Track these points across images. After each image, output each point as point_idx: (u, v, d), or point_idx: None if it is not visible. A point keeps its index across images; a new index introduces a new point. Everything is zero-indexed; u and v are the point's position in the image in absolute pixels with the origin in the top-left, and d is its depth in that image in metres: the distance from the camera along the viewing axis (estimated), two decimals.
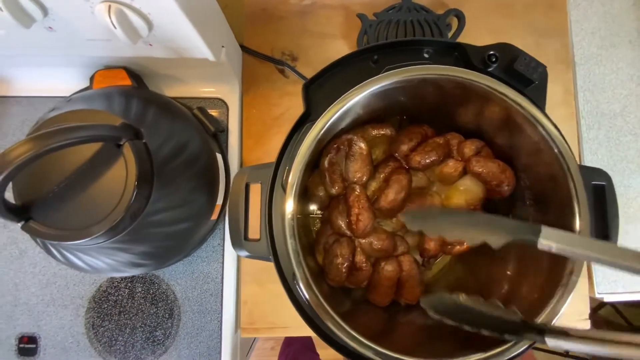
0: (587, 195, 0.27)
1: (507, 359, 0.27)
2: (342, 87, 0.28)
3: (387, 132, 0.37)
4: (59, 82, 0.49)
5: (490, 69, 0.30)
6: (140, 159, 0.31)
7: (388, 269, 0.36)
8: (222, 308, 0.48)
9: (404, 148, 0.36)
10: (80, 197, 0.31)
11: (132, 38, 0.33)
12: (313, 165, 0.37)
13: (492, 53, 0.29)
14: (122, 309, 0.48)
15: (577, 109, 0.55)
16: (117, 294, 0.48)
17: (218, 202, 0.46)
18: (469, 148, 0.35)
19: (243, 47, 0.52)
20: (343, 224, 0.36)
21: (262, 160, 0.49)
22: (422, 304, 0.29)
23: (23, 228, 0.30)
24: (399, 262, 0.36)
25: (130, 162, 0.31)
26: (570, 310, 0.27)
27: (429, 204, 0.36)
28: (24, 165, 0.26)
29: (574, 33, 0.56)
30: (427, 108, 0.36)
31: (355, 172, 0.35)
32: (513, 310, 0.27)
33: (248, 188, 0.32)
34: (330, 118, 0.28)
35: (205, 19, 0.37)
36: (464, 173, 0.36)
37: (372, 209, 0.36)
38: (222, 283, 0.49)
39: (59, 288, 0.49)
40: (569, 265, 0.27)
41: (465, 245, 0.37)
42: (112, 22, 0.31)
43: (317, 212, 0.41)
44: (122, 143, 0.31)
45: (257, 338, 0.66)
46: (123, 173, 0.31)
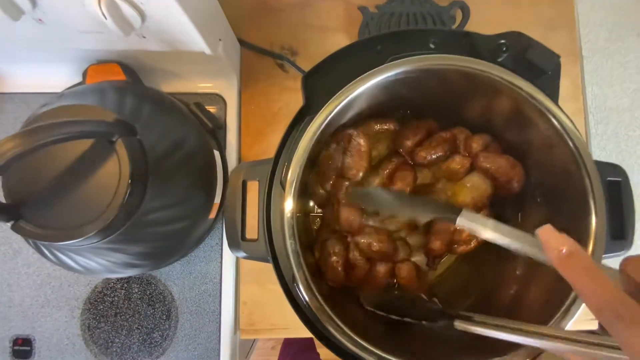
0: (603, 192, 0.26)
1: None
2: (344, 78, 0.27)
3: (390, 127, 0.35)
4: (52, 78, 0.48)
5: (500, 59, 0.28)
6: (134, 156, 0.30)
7: (380, 270, 0.35)
8: (220, 309, 0.47)
9: (409, 143, 0.35)
10: (73, 195, 0.30)
11: (124, 30, 0.32)
12: (313, 162, 0.35)
13: (502, 42, 0.28)
14: (118, 310, 0.47)
15: (584, 104, 0.53)
16: (113, 295, 0.47)
17: (216, 200, 0.44)
18: (477, 143, 0.33)
19: (241, 40, 0.51)
20: (334, 221, 0.35)
21: (260, 158, 0.48)
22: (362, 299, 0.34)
23: (13, 228, 0.29)
24: (397, 268, 0.36)
25: (124, 159, 0.29)
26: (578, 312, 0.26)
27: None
28: (12, 162, 0.25)
29: (581, 25, 0.54)
30: (432, 102, 0.35)
31: (350, 167, 0.34)
32: (433, 301, 0.31)
33: (245, 186, 0.31)
34: (332, 111, 0.27)
35: (201, 10, 0.35)
36: (471, 169, 0.35)
37: (355, 205, 0.35)
38: (220, 283, 0.48)
39: (54, 289, 0.48)
40: None
41: (472, 245, 0.36)
42: (102, 12, 0.29)
43: (317, 210, 0.40)
44: (115, 139, 0.30)
45: (257, 339, 0.65)
46: (116, 171, 0.30)
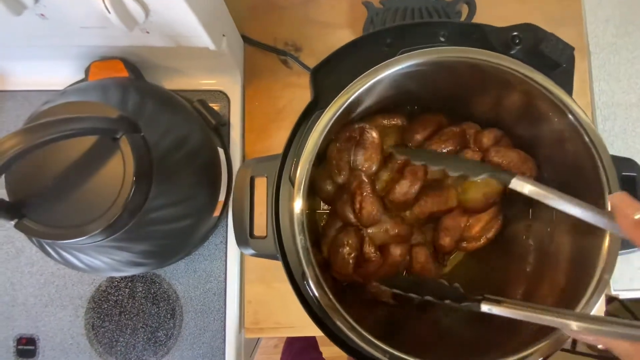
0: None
1: None
2: (353, 72, 0.26)
3: (398, 122, 0.35)
4: (54, 75, 0.47)
5: (513, 52, 0.28)
6: (139, 153, 0.30)
7: (396, 252, 0.34)
8: (225, 307, 0.47)
9: (418, 137, 0.34)
10: (76, 193, 0.29)
11: (127, 24, 0.31)
12: (320, 158, 0.35)
13: (515, 34, 0.27)
14: (122, 309, 0.46)
15: (592, 100, 0.53)
16: (117, 294, 0.47)
17: (220, 198, 0.44)
18: (488, 137, 0.33)
19: (244, 37, 0.50)
20: (350, 214, 0.34)
21: (265, 155, 0.48)
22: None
23: (16, 226, 0.28)
24: (414, 252, 0.35)
25: (128, 156, 0.29)
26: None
27: (445, 198, 0.34)
28: (15, 159, 0.24)
29: (588, 21, 0.53)
30: (440, 97, 0.34)
31: (365, 160, 0.34)
32: (455, 287, 0.30)
33: (253, 182, 0.31)
34: (342, 105, 0.26)
35: (206, 4, 0.35)
36: None
37: (377, 197, 0.34)
38: (225, 282, 0.47)
39: (58, 288, 0.47)
40: (600, 263, 0.25)
41: (482, 242, 0.35)
42: (106, 6, 0.29)
43: (324, 207, 0.40)
44: (118, 136, 0.29)
45: (261, 338, 0.65)
46: (120, 168, 0.29)
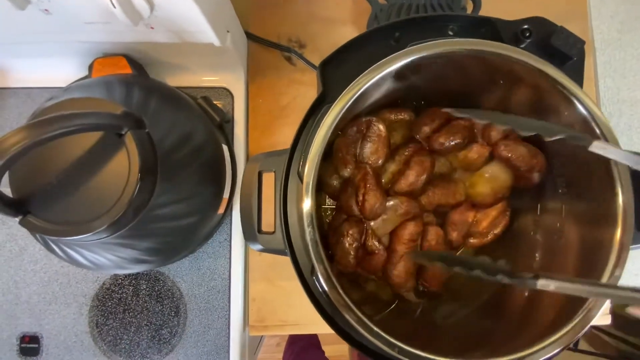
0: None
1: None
2: (361, 66, 0.26)
3: (405, 116, 0.35)
4: (58, 72, 0.47)
5: (523, 45, 0.28)
6: (144, 150, 0.29)
7: (409, 227, 0.33)
8: (229, 305, 0.47)
9: (427, 129, 0.34)
10: (81, 190, 0.29)
11: (132, 19, 0.31)
12: (326, 152, 0.35)
13: (525, 27, 0.27)
14: (126, 307, 0.46)
15: (597, 96, 0.52)
16: (121, 292, 0.47)
17: (225, 195, 0.44)
18: (496, 131, 0.33)
19: (248, 33, 0.50)
20: (354, 206, 0.34)
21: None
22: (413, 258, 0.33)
23: (21, 223, 0.28)
24: (426, 230, 0.34)
25: (133, 152, 0.29)
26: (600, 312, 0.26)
27: (453, 192, 0.34)
28: (20, 155, 0.24)
29: (593, 17, 0.53)
30: (447, 91, 0.34)
31: (371, 153, 0.34)
32: (502, 262, 0.29)
33: (261, 177, 0.31)
34: (350, 99, 0.26)
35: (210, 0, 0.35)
36: (489, 159, 0.34)
37: (381, 189, 0.34)
38: (229, 279, 0.47)
39: (61, 286, 0.47)
40: (612, 258, 0.25)
41: (489, 238, 0.35)
42: (111, 1, 0.29)
43: (329, 202, 0.40)
44: (123, 132, 0.29)
45: (264, 336, 0.65)
46: (125, 164, 0.29)
